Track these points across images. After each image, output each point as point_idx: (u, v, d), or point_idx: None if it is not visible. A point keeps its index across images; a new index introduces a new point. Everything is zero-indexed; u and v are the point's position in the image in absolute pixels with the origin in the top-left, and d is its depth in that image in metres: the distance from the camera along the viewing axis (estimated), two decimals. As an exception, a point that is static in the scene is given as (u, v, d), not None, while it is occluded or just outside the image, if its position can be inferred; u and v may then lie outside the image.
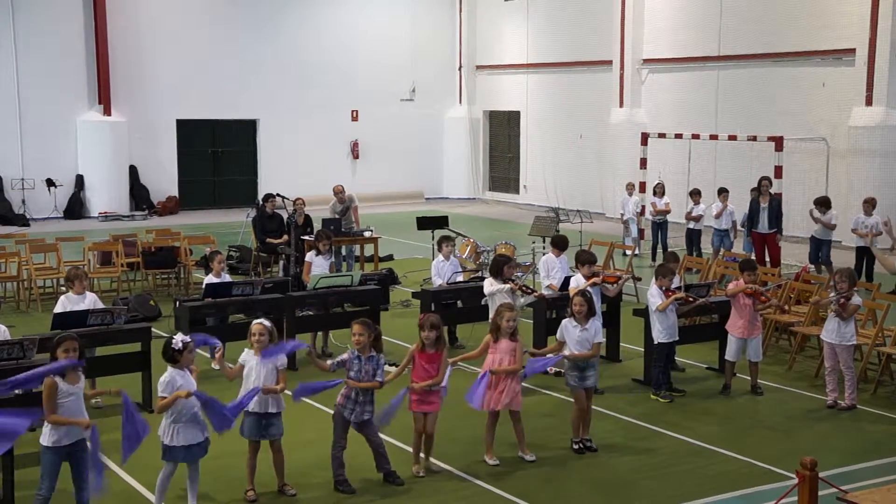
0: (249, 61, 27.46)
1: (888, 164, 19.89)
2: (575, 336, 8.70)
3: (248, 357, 7.61)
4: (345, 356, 7.85)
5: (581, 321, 8.69)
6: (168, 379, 7.08)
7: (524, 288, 10.62)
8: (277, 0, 27.83)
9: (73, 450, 6.87)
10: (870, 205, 16.14)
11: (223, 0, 27.24)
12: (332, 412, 7.96)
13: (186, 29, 26.58)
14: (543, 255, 12.72)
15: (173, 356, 7.15)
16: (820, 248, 16.35)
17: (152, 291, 15.25)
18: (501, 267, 10.54)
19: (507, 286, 10.39)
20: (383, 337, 11.66)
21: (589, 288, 10.35)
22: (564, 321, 8.87)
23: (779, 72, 22.29)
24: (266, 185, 25.76)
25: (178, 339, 7.21)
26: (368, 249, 17.23)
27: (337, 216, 17.14)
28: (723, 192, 17.61)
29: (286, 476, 7.79)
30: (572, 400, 8.87)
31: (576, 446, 8.75)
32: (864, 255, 15.93)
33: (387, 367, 10.35)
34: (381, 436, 8.07)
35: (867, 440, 9.18)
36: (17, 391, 7.37)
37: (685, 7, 24.38)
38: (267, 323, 7.70)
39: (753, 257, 15.57)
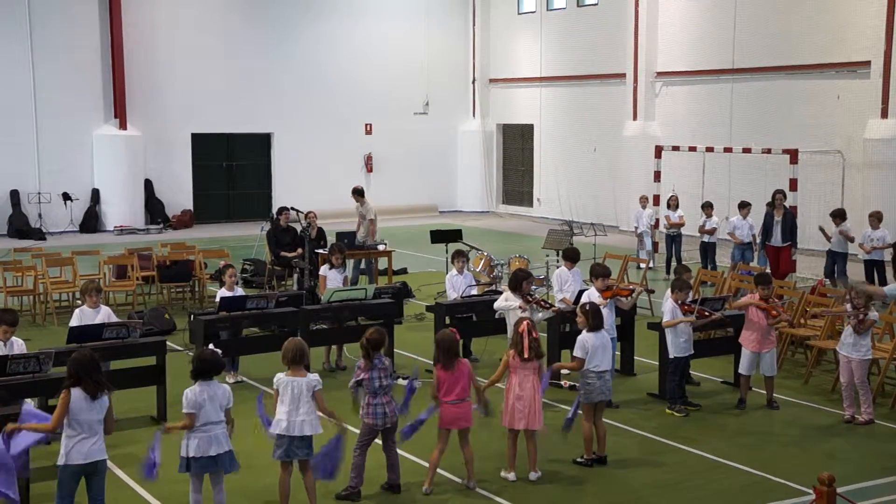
0: (264, 75, 27.59)
1: (904, 176, 19.81)
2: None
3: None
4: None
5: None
6: None
7: (541, 302, 10.56)
8: (292, 14, 27.99)
9: (90, 470, 6.71)
10: (875, 218, 16.12)
11: (238, 15, 27.41)
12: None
13: (201, 43, 26.73)
14: (557, 268, 12.69)
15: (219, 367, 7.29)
16: (836, 262, 16.28)
17: (167, 305, 15.29)
18: (521, 282, 10.48)
19: (519, 303, 10.34)
20: (396, 350, 11.78)
21: (602, 301, 10.33)
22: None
23: (793, 84, 22.23)
24: (280, 198, 25.88)
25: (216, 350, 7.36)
26: (382, 263, 17.25)
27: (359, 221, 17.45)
28: (744, 206, 17.42)
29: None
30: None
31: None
32: (875, 268, 15.88)
33: (399, 381, 10.39)
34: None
35: (885, 455, 9.10)
36: None
37: (699, 20, 24.36)
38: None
39: (768, 270, 15.50)
